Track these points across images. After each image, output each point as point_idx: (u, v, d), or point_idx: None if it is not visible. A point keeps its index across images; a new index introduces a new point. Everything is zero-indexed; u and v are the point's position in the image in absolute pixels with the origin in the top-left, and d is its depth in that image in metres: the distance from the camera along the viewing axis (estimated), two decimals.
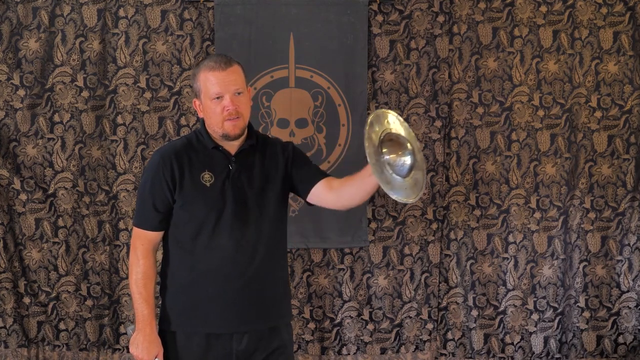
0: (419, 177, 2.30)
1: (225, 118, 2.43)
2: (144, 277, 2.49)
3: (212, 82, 2.42)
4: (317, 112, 3.75)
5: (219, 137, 2.50)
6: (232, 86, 2.43)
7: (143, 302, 2.48)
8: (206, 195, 2.46)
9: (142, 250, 2.50)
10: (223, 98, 2.43)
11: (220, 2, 3.67)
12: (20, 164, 3.71)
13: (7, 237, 3.72)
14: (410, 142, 2.28)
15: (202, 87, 2.45)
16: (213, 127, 2.48)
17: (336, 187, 2.50)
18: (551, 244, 3.87)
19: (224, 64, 2.44)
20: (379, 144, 2.24)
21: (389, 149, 2.26)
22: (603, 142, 3.87)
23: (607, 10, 3.81)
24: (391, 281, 3.85)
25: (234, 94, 2.43)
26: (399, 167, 2.26)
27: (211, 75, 2.43)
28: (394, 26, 3.77)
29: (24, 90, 3.69)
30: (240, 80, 2.46)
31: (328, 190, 2.51)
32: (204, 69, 2.46)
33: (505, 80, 3.82)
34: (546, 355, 3.90)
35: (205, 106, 2.47)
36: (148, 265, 2.50)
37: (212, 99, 2.43)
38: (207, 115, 2.48)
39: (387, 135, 2.27)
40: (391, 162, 2.25)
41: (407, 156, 2.27)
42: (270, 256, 2.51)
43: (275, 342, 2.52)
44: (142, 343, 2.47)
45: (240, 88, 2.45)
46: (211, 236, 2.45)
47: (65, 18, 3.69)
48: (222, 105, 2.42)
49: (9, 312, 3.73)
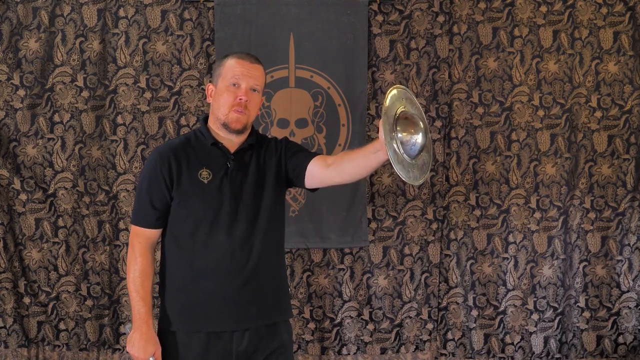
0: (426, 159, 2.29)
1: (234, 107, 2.47)
2: (141, 275, 2.50)
3: (236, 69, 2.50)
4: (317, 112, 3.75)
5: (219, 129, 2.52)
6: (253, 80, 2.51)
7: (140, 300, 2.49)
8: (204, 192, 2.47)
9: (140, 248, 2.52)
10: (239, 87, 2.49)
11: (220, 2, 3.67)
12: (20, 164, 3.71)
13: (7, 237, 3.72)
14: (422, 122, 2.25)
15: (225, 71, 2.51)
16: (218, 114, 2.51)
17: (333, 163, 2.47)
18: (551, 244, 3.87)
19: (253, 59, 2.55)
20: (394, 121, 2.21)
21: (402, 127, 2.22)
22: (603, 142, 3.87)
23: (607, 10, 3.82)
24: (391, 281, 3.85)
25: (250, 88, 2.51)
26: (410, 147, 2.23)
27: (238, 64, 2.51)
28: (394, 26, 3.77)
29: (24, 90, 3.69)
30: (261, 79, 2.55)
31: (324, 168, 2.49)
32: (233, 56, 2.54)
33: (505, 80, 3.82)
34: (546, 355, 3.90)
35: (219, 91, 2.51)
36: (146, 263, 2.51)
37: (229, 84, 2.49)
38: (217, 100, 2.52)
39: (403, 113, 2.24)
40: (403, 140, 2.22)
41: (419, 134, 2.23)
42: (267, 253, 2.51)
43: (275, 343, 2.53)
44: (139, 341, 2.47)
45: (259, 86, 2.54)
46: (208, 233, 2.46)
47: (65, 18, 3.69)
48: (236, 94, 2.48)
49: (9, 312, 3.73)
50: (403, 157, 2.21)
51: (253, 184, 2.51)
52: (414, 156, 2.24)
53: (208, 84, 2.59)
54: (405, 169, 2.21)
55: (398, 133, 2.20)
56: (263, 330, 2.52)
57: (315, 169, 2.51)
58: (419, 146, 2.24)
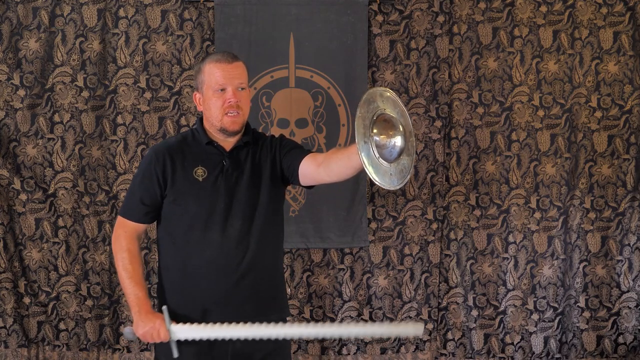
0: (406, 163, 2.20)
1: (226, 111, 2.46)
2: (131, 261, 2.49)
3: (217, 74, 2.46)
4: (317, 112, 3.75)
5: (215, 132, 2.52)
6: (236, 80, 2.47)
7: (135, 285, 2.47)
8: (198, 190, 2.47)
9: (126, 237, 2.51)
10: (226, 91, 2.46)
11: (220, 2, 3.67)
12: (20, 164, 3.71)
13: (7, 237, 3.72)
14: (402, 125, 2.19)
15: (206, 78, 2.48)
16: (212, 121, 2.50)
17: (322, 162, 2.43)
18: (551, 244, 3.87)
19: (230, 58, 2.50)
20: (371, 124, 2.13)
21: (380, 129, 2.15)
22: (603, 142, 3.87)
23: (607, 10, 3.81)
24: (391, 281, 3.85)
25: (236, 88, 2.47)
26: (389, 150, 2.17)
27: (217, 68, 2.47)
28: (394, 26, 3.77)
29: (24, 90, 3.69)
30: (244, 75, 2.51)
31: (316, 167, 2.45)
32: (209, 61, 2.50)
33: (505, 80, 3.82)
34: (546, 355, 3.90)
35: (207, 98, 2.49)
36: (133, 249, 2.51)
37: (215, 90, 2.46)
38: (207, 108, 2.50)
39: (381, 115, 2.17)
40: (380, 143, 2.15)
41: (397, 137, 2.17)
42: (263, 251, 2.50)
43: (272, 342, 2.51)
44: (144, 321, 2.43)
45: (244, 83, 2.50)
46: (203, 231, 2.46)
47: (65, 18, 3.69)
48: (224, 98, 2.46)
49: (9, 312, 3.73)
50: (379, 161, 2.13)
51: (249, 181, 2.50)
52: (392, 160, 2.17)
53: (195, 93, 2.56)
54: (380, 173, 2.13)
55: (374, 136, 2.13)
56: None
57: (306, 168, 2.48)
58: (397, 149, 2.17)
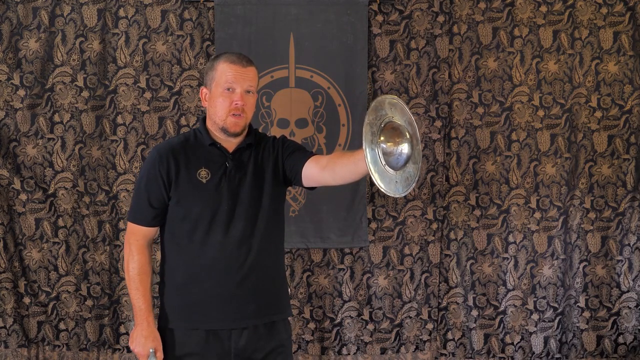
0: (412, 171, 2.21)
1: (231, 112, 2.48)
2: (139, 273, 2.52)
3: (229, 74, 2.48)
4: (317, 112, 3.75)
5: (217, 131, 2.53)
6: (247, 82, 2.50)
7: (140, 297, 2.51)
8: (202, 191, 2.48)
9: (137, 246, 2.53)
10: (234, 92, 2.48)
11: (220, 2, 3.67)
12: (20, 164, 3.71)
13: (7, 237, 3.72)
14: (410, 133, 2.20)
15: (218, 76, 2.50)
16: (214, 119, 2.51)
17: (327, 165, 2.44)
18: (551, 244, 3.87)
19: (245, 62, 2.52)
20: (378, 131, 2.14)
21: (387, 137, 2.16)
22: (603, 142, 3.87)
23: (607, 10, 3.81)
24: (391, 281, 3.85)
25: (245, 91, 2.49)
26: (395, 157, 2.18)
27: (230, 69, 2.49)
28: (394, 26, 3.77)
29: (24, 90, 3.69)
30: (254, 80, 2.54)
31: (319, 170, 2.46)
32: (225, 60, 2.51)
33: (505, 80, 3.82)
34: (546, 355, 3.90)
35: (214, 95, 2.50)
36: (143, 260, 2.53)
37: (224, 89, 2.48)
38: (212, 105, 2.52)
39: (389, 123, 2.18)
40: (387, 150, 2.16)
41: (404, 144, 2.18)
42: (266, 252, 2.52)
43: (273, 342, 2.53)
44: (138, 338, 2.50)
45: (253, 88, 2.53)
46: (207, 232, 2.47)
47: (65, 18, 3.69)
48: (231, 98, 2.47)
49: (9, 312, 3.73)
50: (385, 168, 2.14)
51: (251, 183, 2.51)
52: (399, 167, 2.18)
53: (202, 87, 2.57)
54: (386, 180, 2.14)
55: (381, 144, 2.14)
56: (261, 329, 2.52)
57: (310, 170, 2.50)
58: (404, 157, 2.18)
